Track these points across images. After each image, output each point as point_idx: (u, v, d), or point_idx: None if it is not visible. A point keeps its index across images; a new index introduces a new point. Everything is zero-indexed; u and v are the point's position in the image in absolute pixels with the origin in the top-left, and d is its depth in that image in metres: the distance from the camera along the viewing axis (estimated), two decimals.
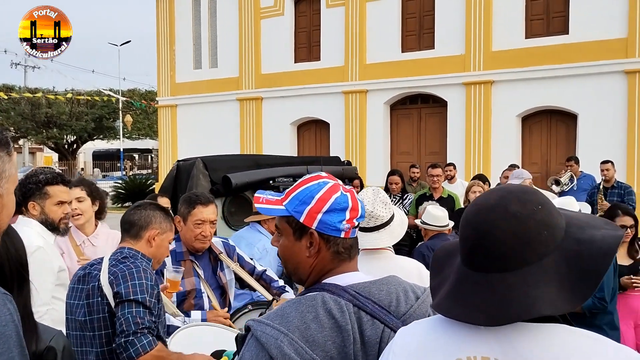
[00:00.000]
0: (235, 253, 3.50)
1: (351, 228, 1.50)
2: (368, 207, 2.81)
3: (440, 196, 7.17)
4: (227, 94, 18.35)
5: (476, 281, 1.16)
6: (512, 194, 1.20)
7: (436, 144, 15.22)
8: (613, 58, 12.38)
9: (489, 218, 1.17)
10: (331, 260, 1.49)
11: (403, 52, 15.31)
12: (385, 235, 2.86)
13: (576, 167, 9.27)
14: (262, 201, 1.55)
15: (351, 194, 1.50)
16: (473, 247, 1.18)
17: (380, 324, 1.39)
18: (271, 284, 3.50)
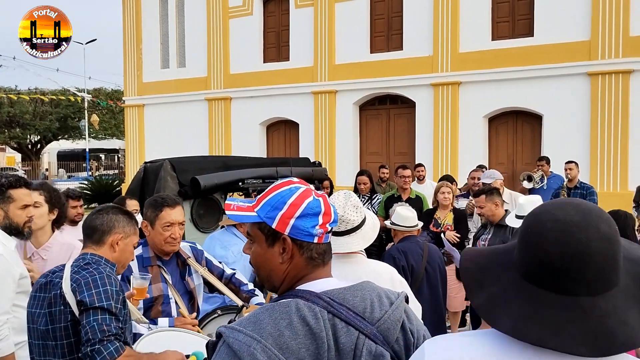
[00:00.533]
0: (203, 257, 3.45)
1: (324, 233, 1.48)
2: (339, 211, 2.80)
3: (408, 197, 7.22)
4: (196, 93, 18.18)
5: (564, 306, 1.08)
6: (594, 212, 1.12)
7: (405, 145, 15.33)
8: (576, 60, 12.64)
9: (582, 238, 1.08)
10: (305, 266, 1.48)
11: (372, 53, 15.38)
12: (356, 239, 2.86)
13: (547, 167, 9.43)
14: (233, 208, 1.53)
15: (323, 199, 1.50)
16: (561, 269, 1.08)
17: (354, 330, 1.37)
18: (240, 288, 3.46)
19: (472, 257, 1.26)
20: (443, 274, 4.51)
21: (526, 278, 1.12)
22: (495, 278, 1.17)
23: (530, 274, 1.12)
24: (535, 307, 1.09)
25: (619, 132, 12.22)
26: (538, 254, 1.10)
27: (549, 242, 1.09)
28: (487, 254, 1.25)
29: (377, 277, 2.85)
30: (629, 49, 12.15)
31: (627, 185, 12.06)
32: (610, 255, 1.08)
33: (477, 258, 1.25)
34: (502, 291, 1.14)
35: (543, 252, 1.09)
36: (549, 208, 1.16)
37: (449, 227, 6.30)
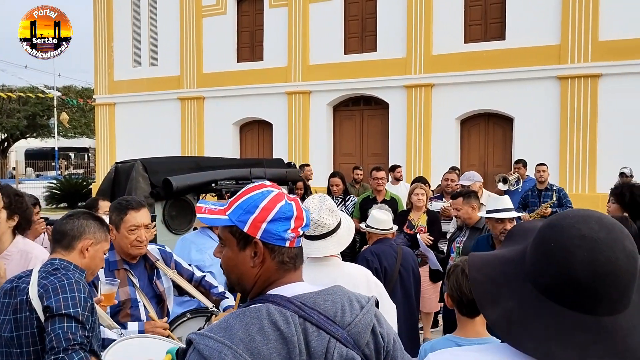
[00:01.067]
0: (172, 260, 3.40)
1: (296, 237, 1.48)
2: (314, 216, 2.79)
3: (383, 199, 7.23)
4: (168, 92, 17.99)
5: (589, 327, 1.04)
6: (616, 227, 1.08)
7: (378, 146, 15.39)
8: (547, 64, 12.84)
9: (611, 257, 1.04)
10: (276, 270, 1.47)
11: (346, 54, 15.41)
12: (331, 243, 2.85)
13: (523, 170, 9.53)
14: (204, 211, 1.52)
15: (296, 203, 1.49)
16: (589, 289, 1.04)
17: (325, 334, 1.37)
18: (210, 290, 3.42)
19: (479, 268, 1.21)
20: (417, 276, 4.53)
21: (547, 295, 1.08)
22: (510, 292, 1.12)
23: (552, 291, 1.07)
24: (559, 327, 1.05)
25: (587, 135, 12.44)
26: (565, 272, 1.05)
27: (578, 260, 1.04)
28: (495, 263, 1.20)
29: (352, 279, 2.85)
30: (597, 53, 12.38)
31: (596, 187, 12.30)
32: (633, 274, 1.06)
33: (486, 269, 1.20)
34: (519, 307, 1.09)
35: (571, 270, 1.04)
36: (572, 221, 1.10)
37: (423, 229, 6.33)
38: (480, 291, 1.16)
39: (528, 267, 1.13)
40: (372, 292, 2.85)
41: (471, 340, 2.50)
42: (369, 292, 2.83)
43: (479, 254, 1.26)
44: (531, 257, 1.13)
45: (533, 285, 1.10)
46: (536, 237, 1.14)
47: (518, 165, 9.59)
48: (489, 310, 1.12)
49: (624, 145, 11.99)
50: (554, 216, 1.16)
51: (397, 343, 1.52)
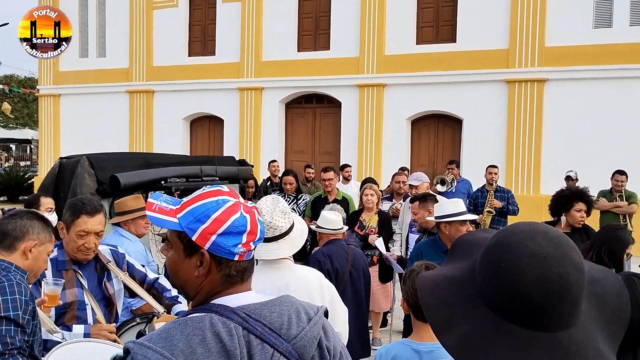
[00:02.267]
0: (124, 261, 3.29)
1: (247, 252, 1.43)
2: (266, 218, 2.77)
3: (335, 198, 7.24)
4: (116, 85, 17.54)
5: (545, 344, 1.03)
6: (562, 240, 1.08)
7: (330, 144, 15.43)
8: (496, 67, 13.14)
9: (561, 273, 1.03)
10: (221, 282, 1.42)
11: (299, 52, 15.37)
12: (284, 245, 2.83)
13: (457, 171, 9.71)
14: (154, 209, 1.45)
15: (251, 216, 1.43)
16: (542, 306, 1.03)
17: (269, 348, 1.34)
18: (163, 294, 3.32)
19: (431, 291, 1.18)
20: (367, 277, 4.55)
21: (501, 315, 1.06)
22: (463, 314, 1.10)
23: (506, 311, 1.06)
24: (516, 347, 1.03)
25: (533, 138, 12.81)
26: (517, 292, 1.04)
27: (530, 279, 1.03)
28: (446, 285, 1.18)
29: (305, 282, 2.84)
30: (544, 58, 12.75)
31: (540, 189, 12.67)
32: (582, 286, 1.06)
33: (437, 291, 1.17)
34: (475, 330, 1.07)
35: (523, 290, 1.03)
36: (519, 238, 1.08)
37: (373, 230, 6.37)
38: (434, 316, 1.14)
39: (479, 287, 1.11)
40: (325, 295, 2.85)
41: (426, 344, 2.50)
42: (322, 295, 2.83)
43: (429, 276, 1.23)
44: (482, 278, 1.11)
45: (487, 306, 1.08)
46: (484, 256, 1.12)
47: (451, 166, 9.78)
48: (445, 335, 1.10)
49: (568, 148, 12.40)
50: (501, 233, 1.14)
51: (344, 356, 1.49)
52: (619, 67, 12.08)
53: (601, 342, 1.07)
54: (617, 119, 12.10)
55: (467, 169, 12.90)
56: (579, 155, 12.08)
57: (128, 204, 4.56)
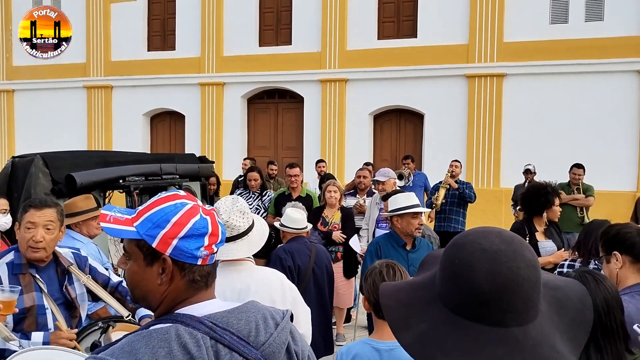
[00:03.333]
0: (87, 264, 3.20)
1: (209, 255, 1.39)
2: (224, 217, 2.72)
3: (299, 195, 7.20)
4: (73, 80, 17.10)
5: (499, 339, 1.04)
6: (515, 239, 1.11)
7: (293, 139, 15.38)
8: (456, 63, 13.28)
9: (512, 267, 1.06)
10: (185, 289, 1.38)
11: (260, 47, 15.25)
12: (242, 245, 2.78)
13: (413, 165, 9.83)
14: (109, 220, 1.40)
15: (211, 218, 1.40)
16: (494, 300, 1.05)
17: (238, 356, 1.31)
18: (127, 297, 3.24)
19: (391, 294, 1.20)
20: (330, 274, 4.54)
21: (456, 312, 1.08)
22: (421, 314, 1.12)
23: (461, 307, 1.07)
24: (471, 343, 1.04)
25: (492, 132, 13.00)
26: (469, 287, 1.06)
27: (481, 273, 1.05)
28: (407, 289, 1.20)
29: (266, 284, 2.80)
30: (503, 54, 12.95)
31: (499, 182, 12.88)
32: (536, 282, 1.08)
33: (397, 295, 1.19)
34: (431, 328, 1.09)
35: (475, 284, 1.05)
36: (473, 238, 1.11)
37: (337, 226, 6.36)
38: (393, 317, 1.15)
39: (437, 288, 1.14)
40: (287, 296, 2.82)
41: (387, 343, 2.52)
42: (284, 297, 2.80)
43: (391, 283, 1.26)
44: (439, 278, 1.14)
45: (443, 305, 1.10)
46: (442, 258, 1.15)
47: (407, 160, 9.92)
48: (402, 335, 1.11)
49: (526, 142, 12.63)
50: (457, 236, 1.17)
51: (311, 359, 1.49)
52: (575, 62, 12.35)
53: (559, 343, 1.08)
54: (574, 113, 12.39)
55: (429, 164, 13.05)
56: (538, 149, 12.33)
57: (79, 204, 4.43)
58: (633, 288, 2.67)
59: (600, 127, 12.20)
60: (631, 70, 12.06)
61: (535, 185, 5.35)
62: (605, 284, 2.15)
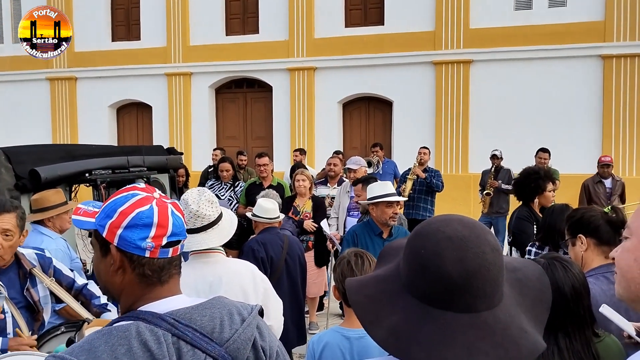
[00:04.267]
0: (51, 266, 3.12)
1: (158, 247, 1.36)
2: (193, 207, 2.72)
3: (270, 184, 7.18)
4: (35, 72, 16.67)
5: (471, 324, 1.05)
6: (477, 224, 1.13)
7: (262, 129, 15.30)
8: (423, 49, 13.35)
9: (478, 252, 1.07)
10: (138, 283, 1.37)
11: (227, 36, 15.10)
12: (213, 235, 2.79)
13: (382, 153, 9.89)
14: (79, 213, 1.44)
15: (161, 209, 1.37)
16: (464, 286, 1.06)
17: (201, 353, 1.30)
18: (92, 301, 3.16)
19: (357, 290, 1.20)
20: (303, 264, 4.55)
21: (426, 301, 1.09)
22: (391, 307, 1.12)
23: (431, 296, 1.08)
24: (444, 331, 1.05)
25: (460, 118, 13.13)
26: (439, 275, 1.07)
27: (449, 260, 1.06)
28: (372, 283, 1.20)
29: (238, 276, 2.80)
30: (469, 40, 13.06)
31: (468, 168, 13.04)
32: (500, 266, 1.10)
33: (364, 289, 1.19)
34: (403, 320, 1.09)
35: (444, 272, 1.06)
36: (436, 226, 1.13)
37: (308, 215, 6.37)
38: (362, 312, 1.15)
39: (404, 279, 1.14)
40: (259, 287, 2.82)
41: (357, 330, 2.55)
42: (256, 288, 2.80)
43: (356, 278, 1.26)
44: (405, 269, 1.14)
45: (412, 296, 1.10)
46: (406, 248, 1.16)
47: (375, 148, 9.98)
48: (374, 329, 1.11)
49: (494, 128, 12.80)
50: (418, 226, 1.18)
51: (280, 355, 1.47)
52: (540, 47, 12.53)
53: (525, 323, 1.10)
54: (539, 98, 12.58)
55: (399, 151, 13.12)
56: (505, 134, 12.51)
57: (50, 198, 4.35)
58: (597, 270, 2.73)
59: (565, 112, 12.43)
60: (594, 54, 12.29)
61: (526, 170, 5.22)
62: (573, 270, 2.18)
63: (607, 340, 2.18)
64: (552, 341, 2.05)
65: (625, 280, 1.26)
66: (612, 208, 2.82)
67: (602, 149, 12.28)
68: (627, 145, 12.15)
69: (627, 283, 1.25)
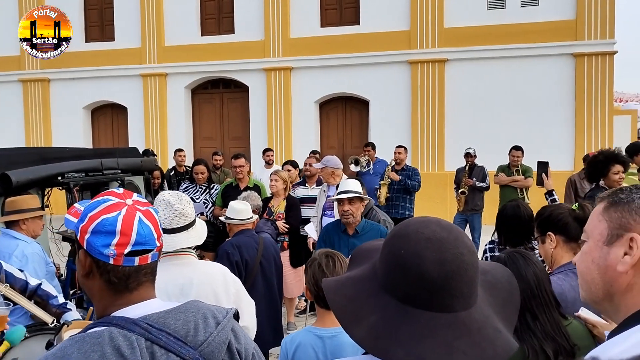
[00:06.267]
0: (2, 270, 3.05)
1: (121, 255, 1.35)
2: (178, 206, 2.74)
3: (246, 186, 7.14)
4: (7, 74, 16.42)
5: (449, 324, 1.07)
6: (453, 227, 1.15)
7: (239, 129, 15.25)
8: (398, 49, 13.43)
9: (457, 253, 1.10)
10: (106, 289, 1.37)
11: (203, 36, 15.01)
12: (193, 234, 2.81)
13: (373, 153, 9.90)
14: (72, 212, 1.49)
15: (126, 217, 1.35)
16: (443, 287, 1.08)
17: (175, 357, 1.30)
18: (49, 302, 3.10)
19: (335, 290, 1.20)
20: (278, 265, 4.54)
21: (405, 301, 1.10)
22: (369, 308, 1.13)
23: (410, 296, 1.10)
24: (423, 330, 1.07)
25: (436, 117, 13.23)
26: (419, 275, 1.08)
27: (429, 261, 1.08)
28: (349, 283, 1.20)
29: (208, 278, 2.79)
30: (444, 39, 13.16)
31: (444, 166, 13.15)
32: (477, 268, 1.13)
33: (342, 290, 1.19)
34: (382, 319, 1.10)
35: (424, 273, 1.08)
36: (415, 227, 1.14)
37: (281, 215, 6.35)
38: (342, 312, 1.15)
39: (382, 280, 1.15)
40: (230, 289, 2.81)
41: (329, 330, 2.57)
42: (227, 290, 2.79)
43: (333, 278, 1.26)
44: (384, 270, 1.15)
45: (390, 296, 1.12)
46: (384, 249, 1.17)
47: (367, 148, 9.98)
48: (354, 329, 1.11)
49: (468, 126, 12.93)
50: (396, 227, 1.20)
51: (256, 357, 1.48)
52: (513, 46, 12.69)
53: (498, 323, 1.14)
54: (512, 96, 12.74)
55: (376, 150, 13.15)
56: (479, 132, 12.64)
57: (27, 202, 4.34)
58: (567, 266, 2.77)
59: (538, 109, 12.60)
60: (566, 53, 12.48)
61: (599, 151, 5.34)
62: (533, 259, 2.29)
63: (574, 323, 2.27)
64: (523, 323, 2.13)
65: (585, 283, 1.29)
66: (579, 205, 2.87)
67: (575, 145, 12.48)
68: (599, 141, 12.36)
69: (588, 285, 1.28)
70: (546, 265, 2.89)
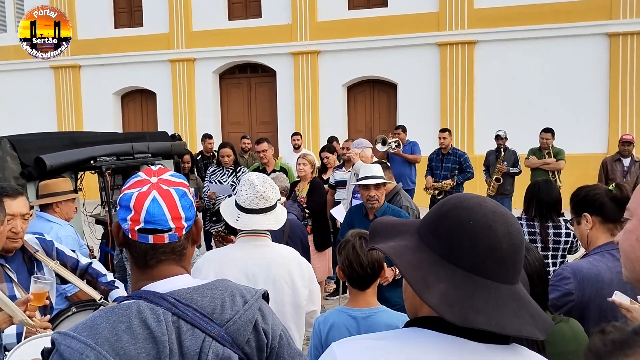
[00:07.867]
0: (53, 249, 3.15)
1: (134, 231, 1.37)
2: (260, 188, 2.80)
3: (273, 169, 7.16)
4: (39, 61, 16.61)
5: (511, 295, 1.11)
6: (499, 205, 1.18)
7: (266, 114, 15.28)
8: (427, 31, 13.25)
9: (518, 229, 1.14)
10: (133, 262, 1.43)
11: (230, 20, 15.03)
12: (272, 218, 2.86)
13: (404, 135, 9.84)
14: None
15: (139, 195, 1.37)
16: (510, 260, 1.11)
17: (201, 333, 1.32)
18: (98, 279, 3.20)
19: (399, 254, 1.19)
20: (305, 247, 4.53)
21: (473, 271, 1.11)
22: (435, 275, 1.12)
23: (479, 266, 1.11)
24: (495, 300, 1.09)
25: (465, 99, 13.06)
26: (491, 245, 1.10)
27: (500, 233, 1.11)
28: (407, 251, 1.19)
29: (284, 260, 2.85)
30: (473, 20, 12.94)
31: (474, 149, 12.98)
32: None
33: (404, 256, 1.18)
34: (452, 288, 1.10)
35: (496, 243, 1.10)
36: (475, 201, 1.16)
37: (303, 199, 6.36)
38: (412, 278, 1.14)
39: (442, 250, 1.15)
40: (305, 272, 2.88)
41: (363, 310, 2.56)
42: (302, 273, 2.87)
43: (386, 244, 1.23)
44: (445, 241, 1.15)
45: (455, 266, 1.12)
46: (443, 220, 1.16)
47: (397, 130, 9.92)
48: (426, 294, 1.11)
49: (498, 108, 12.72)
50: (452, 200, 1.20)
51: (284, 339, 1.47)
52: (544, 26, 12.41)
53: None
54: (545, 77, 12.49)
55: None
56: (510, 115, 12.43)
57: (60, 185, 4.41)
58: (603, 247, 2.72)
59: (571, 91, 12.34)
60: (600, 32, 12.16)
61: None
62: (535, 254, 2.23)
63: (562, 326, 2.21)
64: None
65: (629, 262, 1.26)
66: (616, 185, 2.80)
67: (609, 128, 12.20)
68: (635, 124, 12.06)
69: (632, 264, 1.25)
70: (581, 246, 2.85)
